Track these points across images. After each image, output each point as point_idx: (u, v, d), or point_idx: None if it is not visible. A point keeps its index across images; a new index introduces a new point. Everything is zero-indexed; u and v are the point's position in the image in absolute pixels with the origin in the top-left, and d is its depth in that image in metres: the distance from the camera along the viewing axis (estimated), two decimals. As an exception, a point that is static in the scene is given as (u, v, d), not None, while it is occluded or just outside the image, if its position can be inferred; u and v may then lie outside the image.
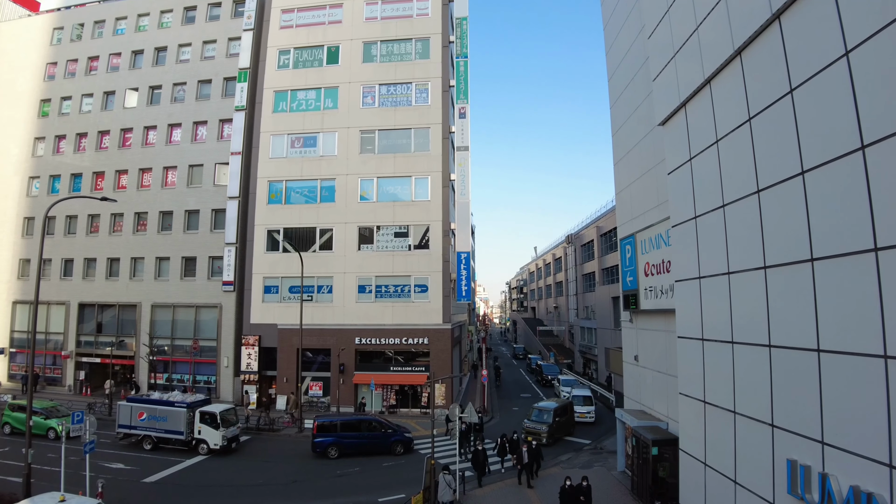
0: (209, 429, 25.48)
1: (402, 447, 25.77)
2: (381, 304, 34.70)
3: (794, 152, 9.73)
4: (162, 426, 25.92)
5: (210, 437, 25.45)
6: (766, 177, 10.50)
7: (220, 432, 25.45)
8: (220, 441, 25.39)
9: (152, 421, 26.04)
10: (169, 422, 25.81)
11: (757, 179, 10.82)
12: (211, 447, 25.38)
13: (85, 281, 41.18)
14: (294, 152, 37.26)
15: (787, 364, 9.55)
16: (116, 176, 41.79)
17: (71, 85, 44.55)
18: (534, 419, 28.32)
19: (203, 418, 25.60)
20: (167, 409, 25.98)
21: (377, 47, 37.76)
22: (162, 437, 25.95)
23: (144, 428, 26.12)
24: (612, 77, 25.55)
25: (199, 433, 25.59)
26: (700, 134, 13.42)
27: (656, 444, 16.01)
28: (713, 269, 12.33)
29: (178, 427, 25.66)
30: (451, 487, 17.80)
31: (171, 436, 25.80)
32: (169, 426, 25.81)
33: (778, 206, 10.09)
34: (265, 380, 36.54)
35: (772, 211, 10.28)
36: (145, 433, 26.12)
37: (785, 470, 9.29)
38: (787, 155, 9.98)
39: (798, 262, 9.34)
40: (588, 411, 33.08)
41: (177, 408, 25.87)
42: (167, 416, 25.87)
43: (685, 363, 13.88)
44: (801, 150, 9.62)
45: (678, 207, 14.47)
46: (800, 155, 9.63)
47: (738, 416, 11.03)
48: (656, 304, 18.22)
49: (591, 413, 33.05)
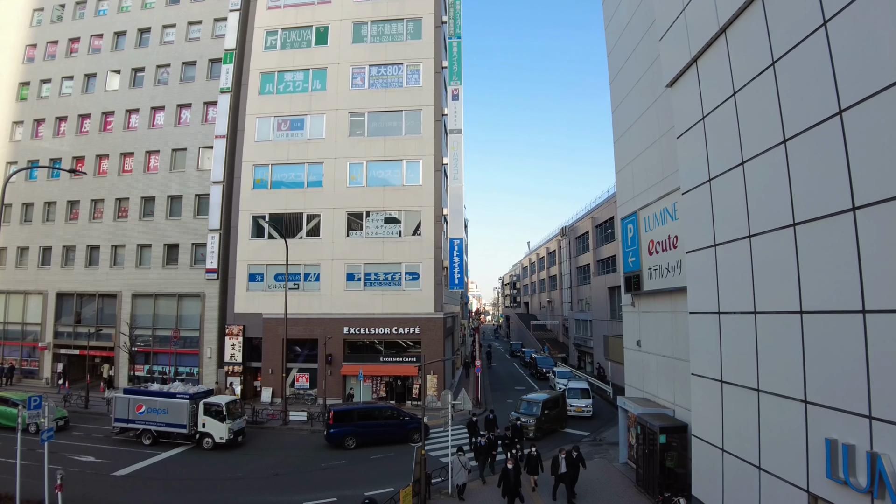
0: (214, 421, 23.97)
1: (419, 435, 24.83)
2: (371, 293, 33.42)
3: (831, 92, 8.55)
4: (163, 419, 24.22)
5: (215, 430, 23.94)
6: (795, 123, 9.33)
7: (227, 425, 23.91)
8: (226, 434, 23.86)
9: (152, 414, 24.30)
10: (170, 414, 24.13)
11: (783, 128, 9.64)
12: (216, 441, 23.87)
13: (64, 269, 39.66)
14: (280, 135, 35.89)
15: (824, 331, 8.38)
16: (97, 161, 40.26)
17: (51, 67, 42.98)
18: (522, 411, 26.66)
19: (208, 410, 24.07)
20: (168, 401, 24.28)
21: (367, 27, 36.47)
22: (163, 430, 24.29)
23: (143, 422, 24.36)
24: (611, 52, 24.42)
25: (203, 426, 24.03)
26: (714, 89, 12.27)
27: (664, 431, 14.81)
28: (731, 234, 11.16)
29: (181, 420, 24.01)
30: (466, 469, 17.56)
31: (172, 429, 24.16)
32: (170, 419, 24.13)
33: (811, 155, 8.91)
34: (250, 371, 35.21)
35: (803, 160, 9.10)
36: (144, 427, 24.38)
37: (823, 451, 8.13)
38: (819, 97, 8.80)
39: (837, 213, 8.16)
40: (585, 405, 30.92)
41: (179, 399, 24.19)
42: (168, 409, 24.19)
43: (698, 341, 12.71)
44: (839, 90, 8.44)
45: (689, 172, 13.31)
46: (837, 94, 8.45)
47: (763, 394, 9.85)
48: (661, 283, 17.05)
49: (589, 407, 30.86)
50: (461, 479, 17.67)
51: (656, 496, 15.09)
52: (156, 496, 18.25)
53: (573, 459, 17.18)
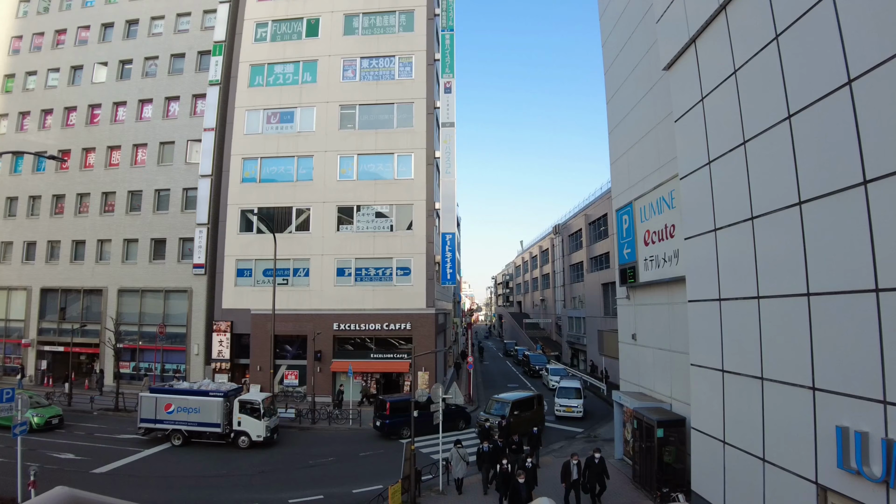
0: (251, 419, 23.22)
1: (464, 422, 26.02)
2: (361, 288, 32.84)
3: (839, 61, 8.11)
4: (194, 418, 23.20)
5: (252, 429, 23.17)
6: (801, 98, 8.88)
7: (264, 423, 23.23)
8: (263, 432, 23.14)
9: (182, 413, 23.23)
10: (202, 413, 23.15)
11: (787, 103, 9.20)
12: (253, 439, 23.10)
13: (48, 265, 38.88)
14: (270, 128, 35.26)
15: (834, 313, 7.93)
16: (83, 154, 39.57)
17: (37, 59, 42.20)
18: (492, 412, 24.67)
19: (243, 408, 23.31)
20: (200, 400, 23.28)
21: (359, 20, 35.89)
22: (194, 430, 23.30)
23: (172, 421, 23.26)
24: (606, 41, 24.00)
25: (238, 424, 23.21)
26: (713, 68, 11.83)
27: (662, 425, 14.31)
28: (732, 217, 10.71)
29: (214, 419, 23.07)
30: (465, 461, 17.17)
31: (205, 429, 23.20)
32: (202, 418, 23.14)
33: (818, 129, 8.46)
34: (238, 368, 34.56)
35: (809, 135, 8.65)
36: (174, 427, 23.27)
37: (833, 440, 7.66)
38: (826, 68, 8.35)
39: (847, 188, 7.71)
40: (576, 405, 29.22)
41: (212, 397, 23.28)
42: (200, 407, 23.19)
43: (698, 330, 12.27)
44: (847, 59, 8.00)
45: (688, 156, 12.87)
46: (846, 64, 8.00)
47: (768, 382, 9.39)
48: (658, 274, 16.60)
49: (580, 407, 29.16)
50: (460, 473, 17.15)
51: (654, 492, 14.62)
52: (133, 493, 17.60)
53: (596, 466, 15.14)
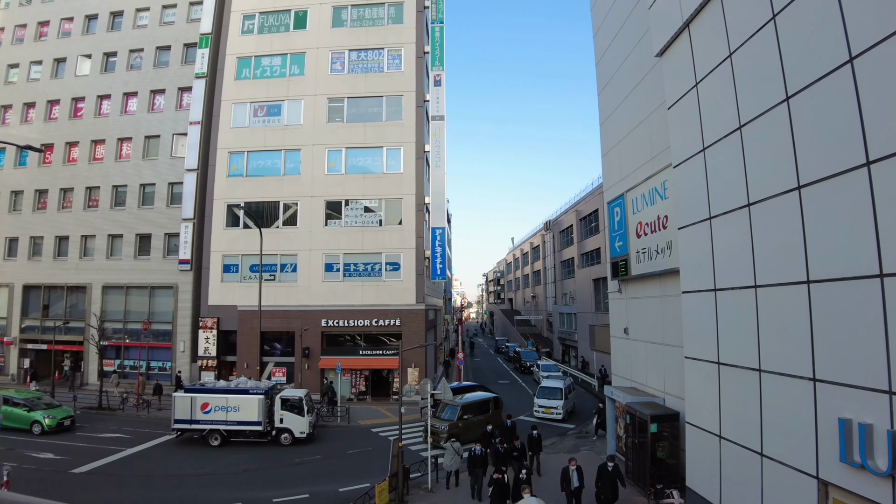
0: (293, 416, 22.96)
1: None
2: (350, 284, 32.35)
3: (840, 40, 7.77)
4: (233, 417, 22.72)
5: (295, 425, 22.96)
6: (799, 78, 8.56)
7: (308, 419, 23.07)
8: (307, 428, 23.00)
9: (220, 412, 22.73)
10: (242, 411, 22.70)
11: (785, 85, 8.86)
12: (296, 436, 22.86)
13: (31, 261, 38.13)
14: (257, 121, 34.67)
15: (835, 301, 7.62)
16: (66, 148, 38.82)
17: (19, 51, 41.33)
18: (442, 416, 23.04)
19: (285, 404, 23.03)
20: (240, 398, 22.83)
21: (348, 12, 35.34)
22: (233, 429, 22.85)
23: (210, 421, 22.73)
24: (597, 32, 23.62)
25: (280, 421, 23.02)
26: (708, 53, 11.51)
27: (655, 420, 13.98)
28: (728, 204, 10.38)
29: (254, 417, 22.68)
30: (460, 455, 16.93)
31: (244, 427, 22.79)
32: (242, 416, 22.71)
33: (818, 110, 8.13)
34: (225, 365, 33.96)
35: (808, 117, 8.32)
36: (212, 427, 22.73)
37: (836, 432, 7.33)
38: (826, 47, 8.02)
39: (849, 170, 7.38)
40: (556, 406, 26.88)
41: (252, 395, 22.87)
42: (239, 406, 22.74)
43: (692, 322, 11.94)
44: (849, 36, 7.66)
45: (681, 143, 12.54)
46: (847, 41, 7.67)
47: (766, 374, 9.06)
48: (650, 266, 16.28)
49: (559, 409, 26.82)
50: (454, 467, 16.84)
51: (648, 488, 14.31)
52: (111, 493, 17.13)
53: (609, 474, 13.28)
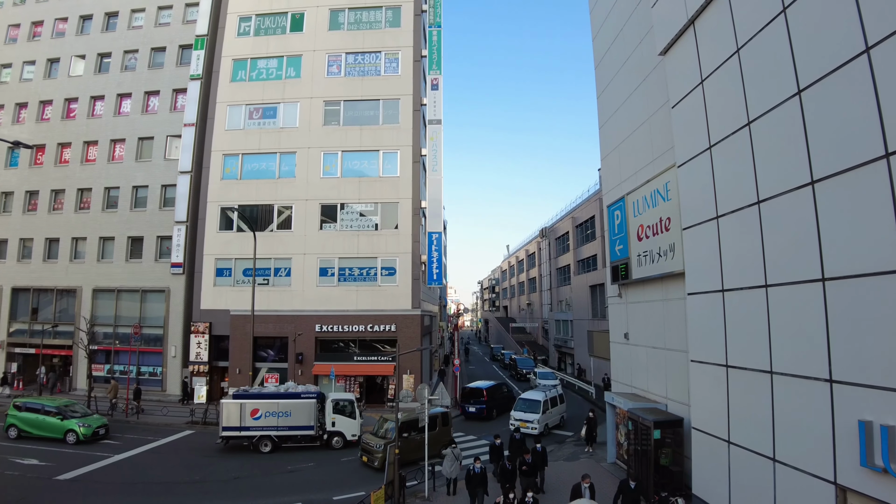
0: (345, 419, 22.87)
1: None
2: (345, 288, 31.94)
3: (855, 30, 7.50)
4: (285, 422, 22.55)
5: (347, 428, 22.89)
6: (811, 71, 8.28)
7: (359, 422, 23.12)
8: (357, 431, 22.97)
9: (271, 418, 22.50)
10: (293, 416, 22.57)
11: (797, 78, 8.59)
12: (348, 439, 22.70)
13: (20, 263, 37.52)
14: (252, 124, 34.33)
15: (853, 298, 7.33)
16: (58, 149, 38.34)
17: (11, 51, 40.89)
18: (378, 433, 20.86)
19: (337, 407, 22.91)
20: (292, 402, 22.68)
21: (345, 14, 35.16)
22: (285, 435, 22.64)
23: (261, 427, 22.42)
24: (596, 35, 23.47)
25: (332, 425, 22.91)
26: (713, 49, 11.24)
27: (658, 426, 13.62)
28: (737, 202, 10.10)
29: (307, 421, 22.58)
30: (459, 461, 16.66)
31: (296, 432, 22.63)
32: (294, 421, 22.56)
33: (832, 103, 7.85)
34: (217, 371, 33.43)
35: (822, 110, 8.03)
36: (262, 433, 22.43)
37: (855, 435, 7.00)
38: (840, 39, 7.74)
39: (866, 163, 7.08)
40: (532, 420, 24.63)
41: (304, 399, 22.78)
42: (291, 410, 22.59)
43: (698, 324, 11.61)
44: (865, 26, 7.38)
45: (686, 142, 12.26)
46: (863, 32, 7.39)
47: (778, 376, 8.74)
48: (652, 269, 15.96)
49: (536, 423, 24.55)
50: (453, 474, 16.47)
51: (652, 496, 13.90)
52: (92, 501, 16.61)
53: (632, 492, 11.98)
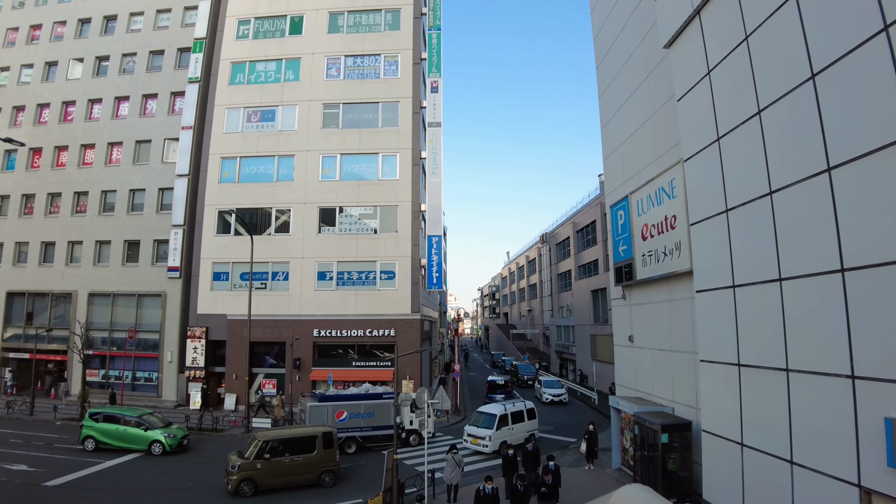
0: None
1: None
2: (344, 292, 31.55)
3: (872, 8, 7.16)
4: (368, 423, 23.14)
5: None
6: (826, 55, 7.97)
7: (433, 419, 23.47)
8: (433, 429, 23.52)
9: (356, 419, 22.99)
10: (377, 417, 23.20)
11: (810, 63, 8.27)
12: (423, 436, 22.46)
13: (15, 267, 37.15)
14: (250, 127, 34.06)
15: (876, 288, 6.97)
16: (55, 152, 38.12)
17: (10, 55, 40.75)
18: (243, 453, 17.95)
19: (414, 407, 22.71)
20: (374, 403, 23.36)
21: (344, 17, 34.98)
22: (369, 435, 23.15)
23: (346, 429, 22.60)
24: (597, 35, 23.22)
25: (410, 423, 23.40)
26: (721, 38, 10.95)
27: (666, 430, 13.20)
28: (748, 194, 9.76)
29: (388, 421, 22.99)
30: (461, 467, 16.30)
31: (379, 432, 23.18)
32: (377, 422, 23.19)
33: (849, 85, 7.52)
34: (213, 377, 32.97)
35: (838, 94, 7.71)
36: (348, 435, 22.65)
37: (882, 434, 6.61)
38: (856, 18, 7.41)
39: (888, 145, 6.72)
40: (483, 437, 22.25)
41: (385, 399, 23.46)
42: (374, 411, 23.23)
43: (708, 323, 11.22)
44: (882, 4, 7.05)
45: (693, 135, 11.94)
46: (881, 10, 7.06)
47: (794, 373, 8.34)
48: (657, 269, 15.59)
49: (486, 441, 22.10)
50: (454, 480, 16.06)
51: (659, 503, 13.44)
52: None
53: None
